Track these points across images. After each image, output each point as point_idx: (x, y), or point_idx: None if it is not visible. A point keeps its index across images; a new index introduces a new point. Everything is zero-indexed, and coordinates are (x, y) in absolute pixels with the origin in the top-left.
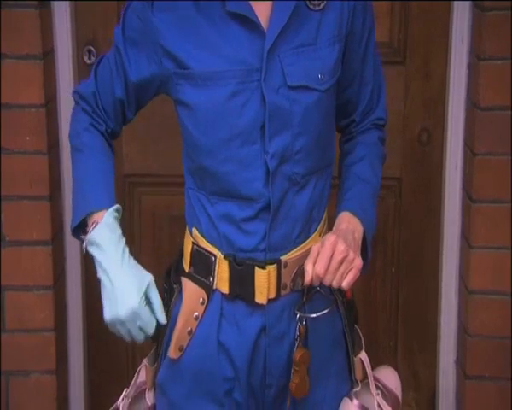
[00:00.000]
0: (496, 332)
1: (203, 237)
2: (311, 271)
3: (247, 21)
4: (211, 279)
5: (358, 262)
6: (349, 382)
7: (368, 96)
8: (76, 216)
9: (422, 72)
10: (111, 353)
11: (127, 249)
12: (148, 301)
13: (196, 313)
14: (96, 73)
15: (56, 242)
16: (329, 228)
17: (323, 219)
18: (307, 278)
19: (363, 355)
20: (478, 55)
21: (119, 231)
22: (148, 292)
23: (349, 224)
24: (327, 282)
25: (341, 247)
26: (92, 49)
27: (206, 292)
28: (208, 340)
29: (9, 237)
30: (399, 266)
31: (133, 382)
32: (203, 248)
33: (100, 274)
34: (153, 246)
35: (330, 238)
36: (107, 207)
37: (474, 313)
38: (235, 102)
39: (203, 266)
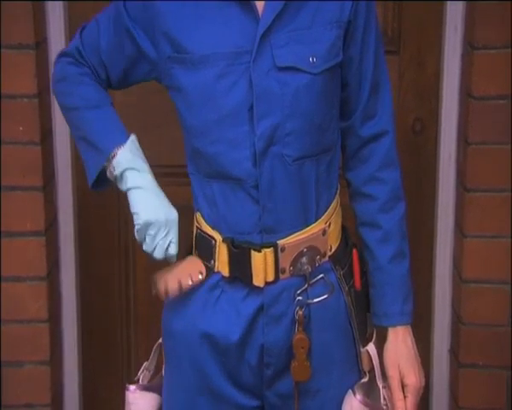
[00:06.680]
0: (489, 321)
1: (205, 220)
2: None
3: (243, 4)
4: (212, 262)
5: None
6: (357, 372)
7: (366, 96)
8: (93, 165)
9: (416, 61)
10: (105, 343)
11: None
12: None
13: (191, 282)
14: (81, 34)
15: (50, 232)
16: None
17: (330, 208)
18: None
19: (370, 347)
20: (471, 43)
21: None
22: None
23: (406, 351)
24: None
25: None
26: None
27: (207, 272)
28: (204, 313)
29: (3, 227)
30: None
31: (152, 355)
32: (205, 232)
33: (135, 189)
34: None
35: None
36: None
37: (467, 301)
38: (222, 84)
39: (205, 250)
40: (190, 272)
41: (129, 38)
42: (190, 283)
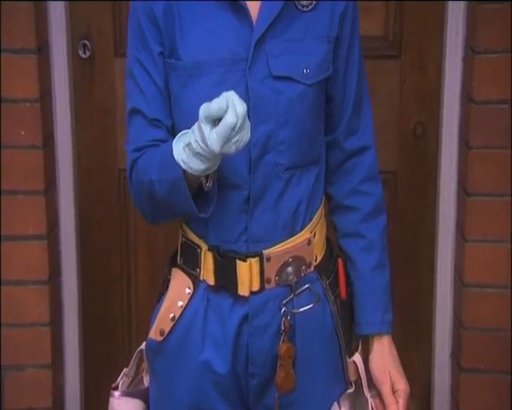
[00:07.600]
0: (491, 325)
1: (191, 228)
2: None
3: (238, 11)
4: (197, 270)
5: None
6: (343, 382)
7: (349, 110)
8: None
9: (417, 65)
10: (107, 347)
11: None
12: None
13: (181, 303)
14: (127, 143)
15: (52, 236)
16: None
17: (315, 218)
18: None
19: (356, 358)
20: (473, 48)
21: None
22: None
23: (392, 359)
24: None
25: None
26: (87, 43)
27: (193, 283)
28: (192, 327)
29: (4, 231)
30: (395, 259)
31: (132, 362)
32: (190, 241)
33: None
34: (148, 240)
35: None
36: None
37: (468, 306)
38: (219, 92)
39: (191, 258)
40: (178, 299)
41: (153, 72)
42: (181, 307)
